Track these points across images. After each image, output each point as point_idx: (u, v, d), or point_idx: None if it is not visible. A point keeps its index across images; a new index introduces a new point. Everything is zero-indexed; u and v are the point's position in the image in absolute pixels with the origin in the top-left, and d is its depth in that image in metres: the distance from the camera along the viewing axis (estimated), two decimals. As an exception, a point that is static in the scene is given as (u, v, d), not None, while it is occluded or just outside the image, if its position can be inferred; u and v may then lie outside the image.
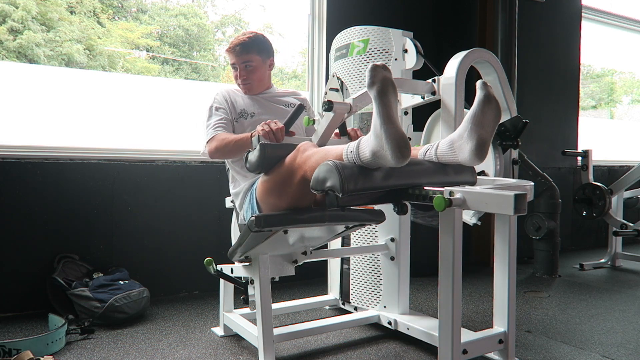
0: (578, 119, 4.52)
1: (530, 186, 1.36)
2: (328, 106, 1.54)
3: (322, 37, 3.22)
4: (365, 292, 2.29)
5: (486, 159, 1.70)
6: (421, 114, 2.24)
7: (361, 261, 2.30)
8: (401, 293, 2.18)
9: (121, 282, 2.35)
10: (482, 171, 1.77)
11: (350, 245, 2.35)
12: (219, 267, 1.95)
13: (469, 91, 1.74)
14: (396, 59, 2.16)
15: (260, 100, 2.07)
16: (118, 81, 2.99)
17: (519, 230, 2.10)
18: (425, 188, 1.28)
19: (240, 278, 1.94)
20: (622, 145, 5.42)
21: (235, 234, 2.11)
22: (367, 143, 1.19)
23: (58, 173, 2.47)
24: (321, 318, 2.23)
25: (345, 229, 1.87)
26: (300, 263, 1.99)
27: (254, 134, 1.68)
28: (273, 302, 2.01)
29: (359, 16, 3.27)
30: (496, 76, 1.78)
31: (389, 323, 2.11)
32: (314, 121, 1.80)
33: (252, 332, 1.84)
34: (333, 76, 2.36)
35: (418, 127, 2.15)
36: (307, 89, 3.29)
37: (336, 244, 2.39)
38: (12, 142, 2.47)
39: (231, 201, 2.08)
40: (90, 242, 2.54)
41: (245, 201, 1.85)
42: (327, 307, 2.54)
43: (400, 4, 3.46)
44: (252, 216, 1.51)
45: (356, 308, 2.33)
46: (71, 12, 3.05)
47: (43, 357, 1.74)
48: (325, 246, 2.29)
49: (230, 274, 1.98)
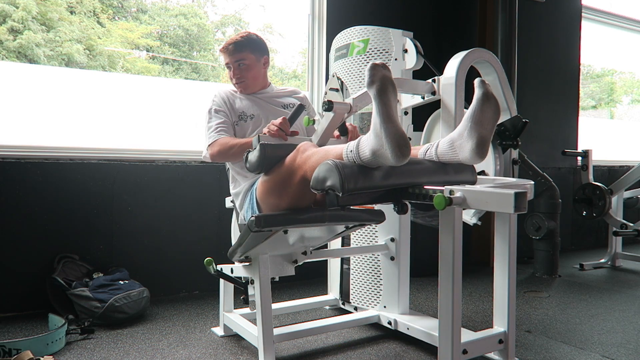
0: (578, 119, 4.52)
1: (530, 185, 1.36)
2: (328, 106, 1.54)
3: (322, 37, 3.22)
4: (365, 292, 2.29)
5: (486, 159, 1.70)
6: (421, 114, 2.24)
7: (361, 261, 2.30)
8: (401, 293, 2.18)
9: (121, 282, 2.35)
10: (482, 171, 1.77)
11: (350, 245, 2.35)
12: (219, 267, 1.95)
13: (469, 91, 1.75)
14: (396, 59, 2.16)
15: (258, 101, 2.07)
16: (118, 81, 2.99)
17: (519, 230, 2.11)
18: (425, 187, 1.28)
19: (240, 278, 1.94)
20: (622, 145, 5.42)
21: (235, 234, 2.11)
22: (367, 142, 1.19)
23: (58, 173, 2.47)
24: (321, 318, 2.23)
25: (345, 229, 1.87)
26: (300, 263, 1.99)
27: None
28: (273, 302, 2.01)
29: (359, 16, 3.27)
30: (496, 76, 1.78)
31: (389, 323, 2.11)
32: (314, 121, 1.80)
33: (252, 332, 1.84)
34: (333, 76, 2.36)
35: (418, 127, 2.15)
36: (307, 89, 3.29)
37: (336, 244, 2.39)
38: (12, 142, 2.47)
39: (231, 201, 2.08)
40: (90, 242, 2.54)
41: (245, 201, 1.85)
42: (327, 307, 2.54)
43: (400, 4, 3.46)
44: (252, 216, 1.51)
45: (356, 308, 2.33)
46: (71, 12, 3.05)
47: (43, 357, 1.74)
48: (325, 246, 2.29)
49: (230, 274, 1.98)
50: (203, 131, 2.01)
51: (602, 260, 3.78)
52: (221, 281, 2.11)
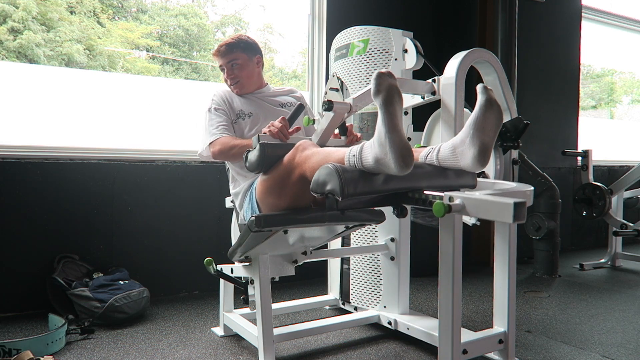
0: (578, 119, 4.52)
1: (530, 191, 1.35)
2: (328, 106, 1.54)
3: (322, 37, 3.22)
4: (365, 292, 2.29)
5: None
6: (421, 114, 2.24)
7: (361, 261, 2.30)
8: (401, 293, 2.18)
9: (121, 282, 2.35)
10: (482, 172, 1.77)
11: (350, 245, 2.35)
12: (219, 267, 1.95)
13: (469, 91, 1.74)
14: (396, 59, 2.16)
15: (255, 100, 2.08)
16: (118, 81, 2.99)
17: (519, 230, 2.10)
18: (425, 192, 1.27)
19: (240, 278, 1.94)
20: (622, 145, 5.42)
21: (235, 234, 2.11)
22: (371, 149, 1.18)
23: (58, 173, 2.47)
24: (321, 318, 2.23)
25: (345, 229, 1.87)
26: (300, 263, 1.99)
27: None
28: (273, 302, 2.01)
29: (359, 16, 3.27)
30: (496, 76, 1.78)
31: (389, 323, 2.11)
32: (314, 121, 1.81)
33: (252, 332, 1.84)
34: (333, 76, 2.36)
35: (418, 127, 2.15)
36: (307, 89, 3.29)
37: (336, 244, 2.39)
38: (12, 142, 2.47)
39: (231, 201, 2.08)
40: (90, 242, 2.54)
41: (245, 201, 1.85)
42: (327, 307, 2.54)
43: (400, 4, 3.46)
44: (252, 216, 1.51)
45: (356, 308, 2.33)
46: (71, 12, 3.05)
47: (43, 357, 1.74)
48: (325, 246, 2.29)
49: (230, 274, 1.98)
50: (202, 130, 2.02)
51: (602, 260, 3.78)
52: (221, 281, 2.11)
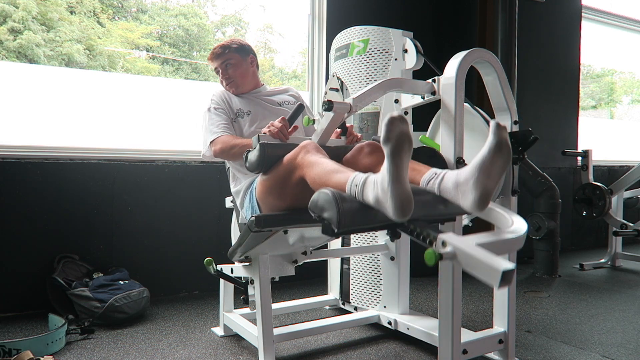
0: (578, 119, 4.52)
1: (522, 234, 1.27)
2: (328, 106, 1.54)
3: (322, 37, 3.22)
4: (365, 292, 2.29)
5: None
6: (421, 114, 2.24)
7: (361, 261, 2.30)
8: (401, 293, 2.18)
9: (121, 282, 2.35)
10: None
11: (350, 245, 2.35)
12: (219, 267, 1.95)
13: (469, 91, 1.74)
14: (396, 59, 2.16)
15: (253, 99, 2.10)
16: (118, 81, 2.99)
17: (519, 230, 2.10)
18: (421, 227, 1.24)
19: (240, 278, 1.94)
20: (622, 145, 5.42)
21: (235, 234, 2.11)
22: (373, 188, 1.16)
23: (58, 173, 2.46)
24: (321, 318, 2.23)
25: (345, 229, 1.86)
26: (300, 263, 1.99)
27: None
28: (273, 302, 2.01)
29: (359, 16, 3.27)
30: (496, 76, 1.77)
31: (389, 323, 2.11)
32: (314, 121, 1.80)
33: (252, 332, 1.84)
34: (333, 76, 2.36)
35: (418, 127, 2.15)
36: (307, 89, 3.29)
37: (336, 244, 2.39)
38: (12, 142, 2.47)
39: (231, 201, 2.08)
40: (90, 242, 2.54)
41: (245, 199, 1.84)
42: (327, 307, 2.54)
43: (400, 4, 3.46)
44: (252, 216, 1.51)
45: (356, 308, 2.33)
46: (71, 12, 3.05)
47: (43, 357, 1.74)
48: (325, 246, 2.29)
49: (230, 274, 1.98)
50: (202, 130, 2.03)
51: (602, 260, 3.78)
52: (221, 281, 2.11)
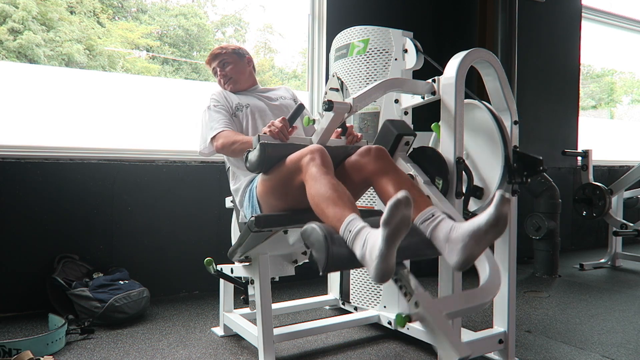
0: (578, 119, 4.52)
1: (490, 299, 1.31)
2: (328, 106, 1.54)
3: (322, 37, 3.22)
4: (365, 292, 2.29)
5: (491, 179, 1.72)
6: (421, 114, 2.24)
7: (361, 261, 2.30)
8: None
9: (121, 282, 2.34)
10: (481, 188, 1.77)
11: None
12: (219, 267, 1.95)
13: (469, 91, 1.74)
14: (396, 59, 2.16)
15: (250, 95, 2.14)
16: (118, 81, 2.99)
17: (519, 230, 2.10)
18: (403, 280, 1.27)
19: (240, 278, 1.94)
20: (622, 145, 5.42)
21: (235, 234, 2.11)
22: (362, 246, 1.18)
23: (58, 173, 2.46)
24: (321, 318, 2.23)
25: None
26: (300, 263, 1.99)
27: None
28: (273, 302, 2.01)
29: (359, 16, 3.27)
30: (496, 76, 1.77)
31: (389, 323, 2.11)
32: (314, 121, 1.80)
33: (252, 332, 1.84)
34: (333, 76, 2.36)
35: (418, 127, 2.14)
36: (307, 89, 3.29)
37: (336, 244, 2.39)
38: (12, 142, 2.47)
39: (231, 201, 2.08)
40: (90, 242, 2.54)
41: (245, 198, 1.84)
42: (327, 307, 2.54)
43: (400, 4, 3.46)
44: (252, 216, 1.51)
45: (356, 308, 2.33)
46: (71, 12, 3.05)
47: (43, 357, 1.74)
48: (325, 246, 2.28)
49: (230, 274, 1.98)
50: (200, 127, 2.06)
51: (602, 260, 3.78)
52: (221, 281, 2.11)
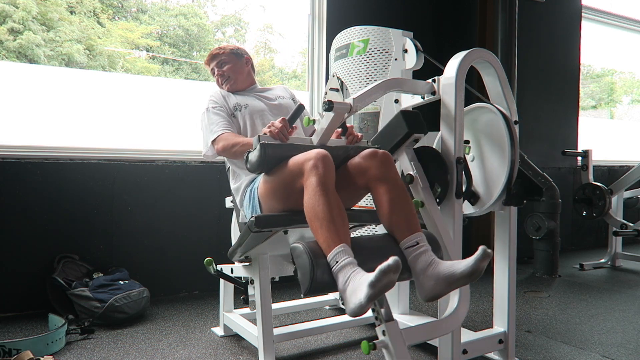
0: (578, 119, 4.52)
1: (448, 333, 1.42)
2: (328, 106, 1.53)
3: (322, 37, 3.22)
4: (365, 292, 2.28)
5: (490, 193, 1.75)
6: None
7: (361, 261, 2.30)
8: (401, 293, 2.18)
9: (121, 282, 2.35)
10: (477, 195, 1.78)
11: (350, 245, 2.34)
12: (219, 267, 1.95)
13: (469, 91, 1.74)
14: (396, 59, 2.16)
15: (248, 95, 2.14)
16: (118, 81, 2.99)
17: (519, 230, 2.10)
18: (378, 305, 1.32)
19: (240, 278, 1.94)
20: (622, 145, 5.42)
21: (235, 234, 2.11)
22: (344, 282, 1.22)
23: (58, 173, 2.46)
24: (321, 318, 2.24)
25: (345, 229, 1.86)
26: (300, 263, 1.98)
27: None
28: (273, 302, 2.01)
29: (359, 16, 3.27)
30: (496, 76, 1.78)
31: (389, 323, 2.11)
32: (314, 121, 1.80)
33: (252, 332, 1.84)
34: (333, 76, 2.36)
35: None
36: (307, 89, 3.29)
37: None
38: (12, 142, 2.47)
39: (231, 201, 2.08)
40: (90, 242, 2.54)
41: (245, 198, 1.84)
42: (327, 307, 2.54)
43: (400, 4, 3.46)
44: (253, 216, 1.51)
45: (356, 308, 2.33)
46: (71, 12, 3.05)
47: (43, 357, 1.74)
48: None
49: (230, 274, 1.98)
50: (202, 130, 2.04)
51: (602, 260, 3.78)
52: (221, 281, 2.11)
